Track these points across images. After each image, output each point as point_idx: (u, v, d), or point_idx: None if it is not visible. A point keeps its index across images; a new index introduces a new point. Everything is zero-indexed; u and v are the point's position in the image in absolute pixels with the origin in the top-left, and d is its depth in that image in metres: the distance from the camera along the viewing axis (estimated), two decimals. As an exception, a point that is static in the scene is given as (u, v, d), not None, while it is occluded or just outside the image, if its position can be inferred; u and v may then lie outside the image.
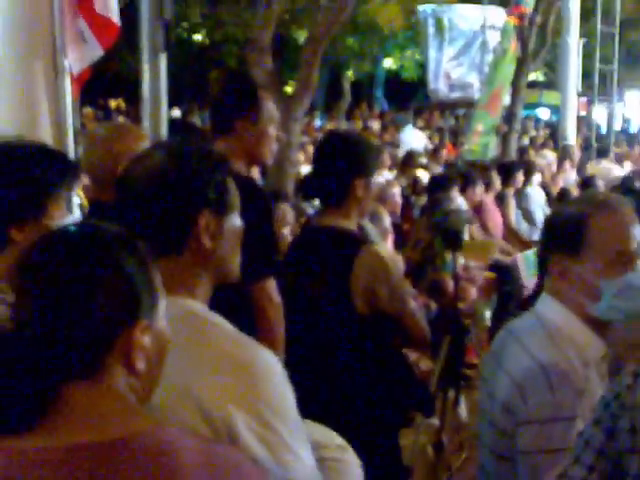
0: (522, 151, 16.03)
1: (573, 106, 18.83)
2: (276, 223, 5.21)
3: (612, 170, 13.84)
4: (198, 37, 30.03)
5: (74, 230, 1.73)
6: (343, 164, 3.87)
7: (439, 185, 8.86)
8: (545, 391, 2.53)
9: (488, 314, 8.26)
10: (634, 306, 2.64)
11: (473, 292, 7.90)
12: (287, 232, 6.81)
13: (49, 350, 1.59)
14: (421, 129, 23.91)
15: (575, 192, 9.68)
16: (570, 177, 13.12)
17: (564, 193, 9.31)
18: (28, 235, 2.59)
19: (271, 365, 2.10)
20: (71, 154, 4.35)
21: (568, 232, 2.66)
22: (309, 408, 2.71)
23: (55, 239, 1.70)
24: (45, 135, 4.27)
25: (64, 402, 1.60)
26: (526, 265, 7.64)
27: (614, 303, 2.63)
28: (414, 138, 17.63)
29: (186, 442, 1.63)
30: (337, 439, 2.70)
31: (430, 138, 20.50)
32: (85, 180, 4.17)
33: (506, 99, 15.32)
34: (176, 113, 23.01)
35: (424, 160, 14.38)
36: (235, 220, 2.28)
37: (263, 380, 2.05)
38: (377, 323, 3.85)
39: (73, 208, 4.25)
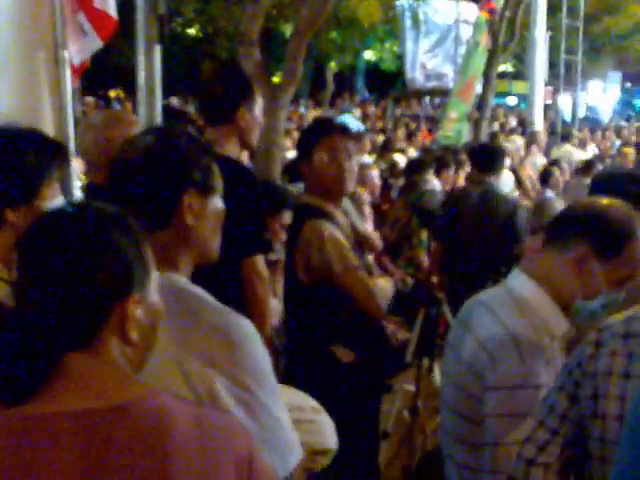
0: (492, 136, 16.02)
1: (540, 95, 18.86)
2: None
3: (573, 153, 13.87)
4: (192, 31, 29.98)
5: (70, 210, 1.72)
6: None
7: (415, 168, 8.86)
8: (515, 360, 2.51)
9: (460, 288, 8.25)
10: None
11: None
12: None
13: (49, 323, 1.60)
14: (400, 116, 23.98)
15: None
16: (537, 161, 13.13)
17: (546, 174, 9.38)
18: (21, 216, 2.57)
19: (248, 332, 2.12)
20: (71, 140, 4.32)
21: (612, 238, 2.61)
22: (293, 374, 2.73)
23: (52, 219, 1.70)
24: (47, 122, 4.25)
25: (64, 371, 1.61)
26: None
27: (598, 311, 2.63)
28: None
29: (179, 407, 1.64)
30: (311, 402, 2.73)
31: (407, 125, 20.49)
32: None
33: (478, 88, 15.34)
34: (174, 102, 22.99)
35: (402, 145, 14.49)
36: (217, 202, 2.29)
37: (241, 346, 2.07)
38: (317, 291, 3.90)
39: (73, 190, 4.23)
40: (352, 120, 18.07)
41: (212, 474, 1.60)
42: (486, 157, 7.10)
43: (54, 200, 2.64)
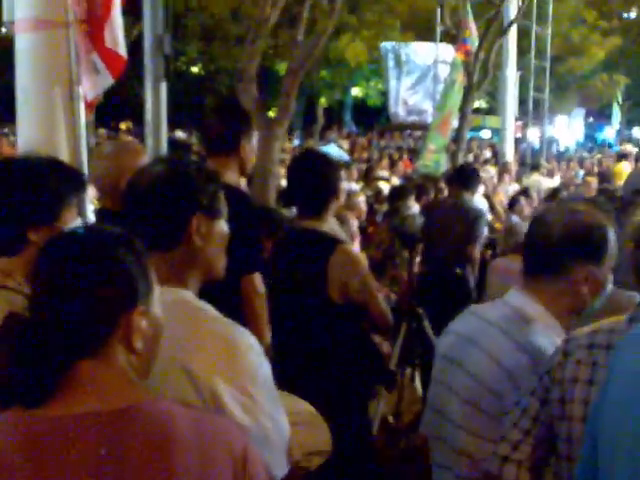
0: (467, 166, 16.07)
1: (511, 129, 18.97)
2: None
3: (542, 182, 13.93)
4: (195, 69, 30.11)
5: (81, 232, 1.76)
6: (322, 180, 3.96)
7: (398, 195, 8.86)
8: (532, 376, 2.45)
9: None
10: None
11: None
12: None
13: (60, 333, 1.61)
14: (384, 148, 24.07)
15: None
16: (509, 188, 13.17)
17: (513, 201, 9.47)
18: (43, 236, 2.57)
19: (250, 343, 2.13)
20: (85, 168, 4.33)
21: (595, 242, 2.58)
22: (292, 382, 2.72)
23: (65, 239, 1.73)
24: (63, 152, 4.26)
25: (74, 377, 1.62)
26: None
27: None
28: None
29: (179, 410, 1.65)
30: (308, 407, 2.71)
31: (391, 156, 20.56)
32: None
33: (454, 122, 15.38)
34: (180, 134, 23.05)
35: (386, 173, 14.57)
36: (223, 225, 2.31)
37: (243, 355, 2.08)
38: (349, 311, 3.88)
39: (87, 214, 4.23)
40: (336, 150, 18.14)
41: (210, 472, 1.61)
42: (464, 176, 7.62)
43: (72, 223, 2.64)
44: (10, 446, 1.55)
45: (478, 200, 10.95)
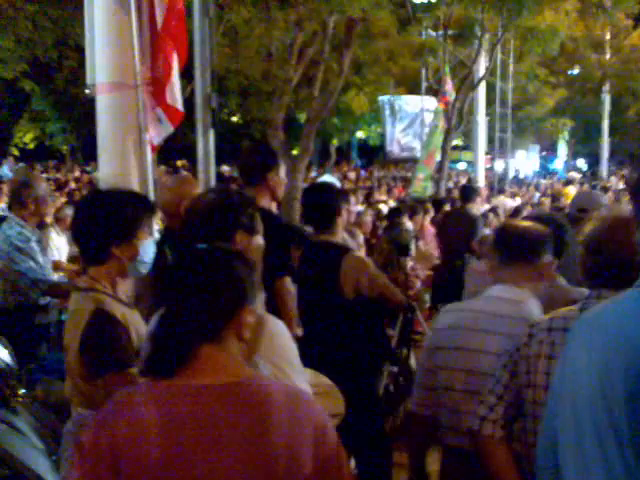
0: (448, 191, 16.04)
1: (482, 161, 18.96)
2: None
3: (506, 203, 13.90)
4: (235, 118, 30.16)
5: (206, 248, 1.80)
6: (331, 203, 3.96)
7: (394, 214, 8.86)
8: None
9: (428, 298, 8.28)
10: None
11: (418, 284, 7.89)
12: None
13: (189, 323, 1.67)
14: (383, 177, 24.05)
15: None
16: (480, 207, 13.12)
17: (484, 217, 9.44)
18: (123, 251, 2.58)
19: (282, 329, 2.19)
20: (151, 197, 4.35)
21: (548, 239, 2.71)
22: (316, 360, 2.71)
23: (193, 254, 1.78)
24: (134, 185, 4.29)
25: (197, 357, 1.67)
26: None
27: None
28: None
29: (275, 386, 1.70)
30: (327, 380, 2.72)
31: (388, 184, 20.55)
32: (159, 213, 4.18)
33: (438, 157, 15.38)
34: (225, 169, 23.15)
35: (384, 197, 14.58)
36: (259, 239, 2.35)
37: (277, 340, 2.14)
38: (359, 304, 3.86)
39: (153, 232, 4.25)
40: (330, 178, 18.20)
41: (296, 432, 1.63)
42: (467, 193, 8.45)
43: (146, 240, 2.65)
44: (145, 407, 1.61)
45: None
